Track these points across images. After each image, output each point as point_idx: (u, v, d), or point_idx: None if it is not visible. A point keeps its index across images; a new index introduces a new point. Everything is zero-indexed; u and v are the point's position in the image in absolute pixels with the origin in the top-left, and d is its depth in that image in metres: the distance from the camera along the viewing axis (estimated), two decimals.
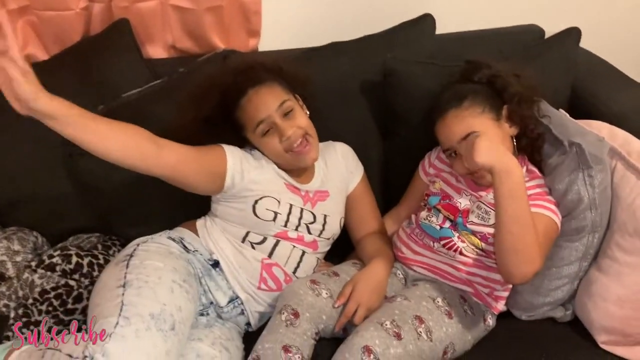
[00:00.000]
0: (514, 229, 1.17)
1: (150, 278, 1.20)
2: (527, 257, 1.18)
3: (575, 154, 1.32)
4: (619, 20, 2.01)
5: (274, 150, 1.37)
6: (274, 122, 1.34)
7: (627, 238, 1.27)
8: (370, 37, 1.68)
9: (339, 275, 1.36)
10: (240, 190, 1.36)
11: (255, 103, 1.35)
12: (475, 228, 1.37)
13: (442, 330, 1.26)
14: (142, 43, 1.73)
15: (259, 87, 1.35)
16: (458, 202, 1.42)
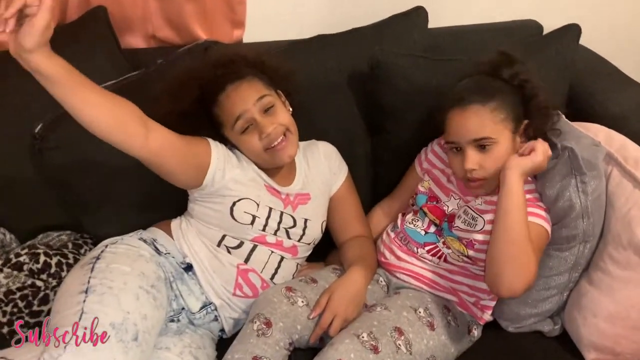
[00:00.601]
0: (516, 238, 1.15)
1: (114, 283, 1.14)
2: (524, 269, 1.15)
3: (567, 158, 1.26)
4: (620, 18, 1.95)
5: (253, 148, 1.30)
6: (253, 118, 1.28)
7: (620, 251, 1.20)
8: (358, 30, 1.62)
9: (317, 282, 1.30)
10: (219, 188, 1.30)
11: (233, 98, 1.29)
12: (460, 234, 1.31)
13: (423, 342, 1.20)
14: (121, 32, 1.66)
15: (238, 82, 1.29)
16: (445, 205, 1.36)
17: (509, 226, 1.17)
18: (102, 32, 1.56)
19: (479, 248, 1.29)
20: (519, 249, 1.16)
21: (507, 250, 1.16)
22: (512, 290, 1.15)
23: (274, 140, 1.28)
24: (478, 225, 1.29)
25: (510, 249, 1.16)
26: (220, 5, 1.66)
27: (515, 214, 1.17)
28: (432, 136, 1.52)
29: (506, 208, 1.18)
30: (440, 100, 1.47)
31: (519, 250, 1.16)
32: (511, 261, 1.15)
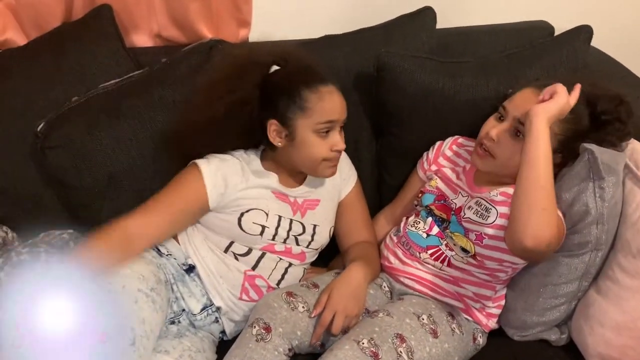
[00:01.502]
0: (546, 185, 1.10)
1: (112, 286, 1.13)
2: (551, 218, 1.10)
3: (587, 161, 1.21)
4: (633, 19, 1.90)
5: (316, 152, 1.27)
6: (334, 129, 1.28)
7: (630, 259, 1.17)
8: (366, 30, 1.60)
9: (319, 287, 1.28)
10: (226, 205, 1.29)
11: (337, 100, 1.28)
12: (470, 226, 1.27)
13: (425, 350, 1.18)
14: (126, 31, 1.65)
15: (337, 88, 1.29)
16: (453, 202, 1.34)
17: (536, 173, 1.11)
18: (107, 31, 1.55)
19: (487, 244, 1.26)
20: (547, 195, 1.10)
21: (535, 196, 1.10)
22: (539, 238, 1.08)
23: (339, 156, 1.30)
24: (490, 218, 1.26)
25: (538, 195, 1.10)
26: (226, 4, 1.65)
27: (542, 160, 1.12)
28: (438, 139, 1.50)
29: (534, 155, 1.12)
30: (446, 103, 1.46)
31: (546, 197, 1.10)
32: (539, 207, 1.09)
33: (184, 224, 1.32)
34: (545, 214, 1.10)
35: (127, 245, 1.20)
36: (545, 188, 1.11)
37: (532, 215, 1.09)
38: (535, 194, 1.10)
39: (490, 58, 1.55)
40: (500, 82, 1.45)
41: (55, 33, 1.56)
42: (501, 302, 1.32)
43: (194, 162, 1.29)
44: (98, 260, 1.16)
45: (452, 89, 1.47)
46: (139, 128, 1.41)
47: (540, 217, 1.09)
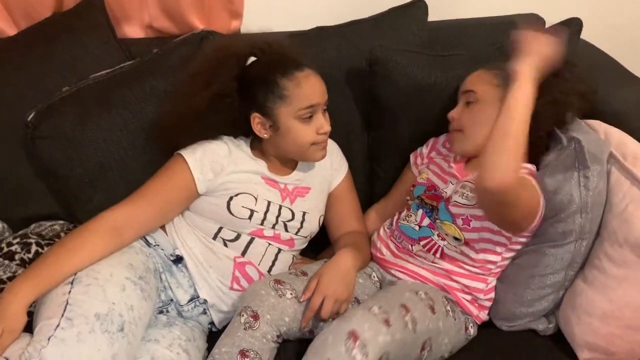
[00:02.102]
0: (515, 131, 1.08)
1: (101, 275, 1.13)
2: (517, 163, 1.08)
3: (573, 149, 1.23)
4: (623, 13, 1.92)
5: (303, 138, 1.28)
6: (317, 112, 1.28)
7: (616, 248, 1.18)
8: (357, 22, 1.60)
9: (307, 275, 1.28)
10: (215, 189, 1.29)
11: (315, 84, 1.28)
12: (458, 210, 1.29)
13: (425, 323, 1.18)
14: (118, 21, 1.65)
15: (314, 71, 1.29)
16: (444, 192, 1.35)
17: (510, 119, 1.10)
18: (98, 21, 1.55)
19: (474, 226, 1.27)
20: (516, 143, 1.09)
21: (504, 141, 1.08)
22: (503, 181, 1.08)
23: (326, 138, 1.30)
24: (475, 198, 1.27)
25: (508, 141, 1.09)
26: None
27: (519, 109, 1.10)
28: (430, 133, 1.50)
29: (511, 102, 1.10)
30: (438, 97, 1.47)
31: (515, 146, 1.09)
32: (506, 152, 1.08)
33: (173, 213, 1.32)
34: (511, 160, 1.08)
35: (116, 236, 1.20)
36: (516, 137, 1.09)
37: (499, 158, 1.08)
38: (505, 141, 1.08)
39: (481, 51, 1.55)
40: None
41: (46, 23, 1.55)
42: (492, 295, 1.33)
43: (179, 153, 1.29)
44: (88, 252, 1.16)
45: (444, 82, 1.48)
46: (130, 118, 1.40)
47: (508, 162, 1.08)
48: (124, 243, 1.22)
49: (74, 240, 1.17)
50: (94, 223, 1.19)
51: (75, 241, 1.17)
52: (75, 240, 1.17)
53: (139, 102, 1.41)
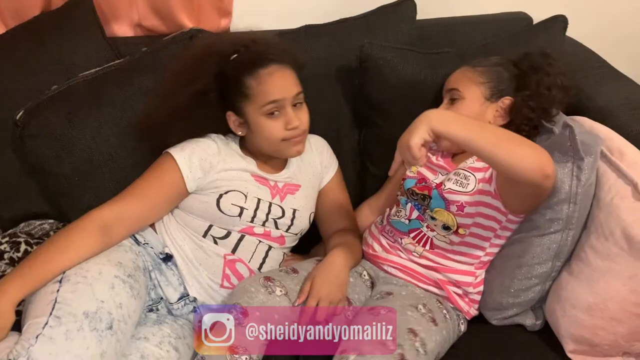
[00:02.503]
0: (497, 141, 1.09)
1: (89, 273, 1.13)
2: (528, 145, 1.10)
3: (567, 137, 1.21)
4: (609, 11, 1.93)
5: (272, 134, 1.29)
6: (284, 108, 1.27)
7: (601, 241, 1.19)
8: (347, 20, 1.61)
9: (298, 273, 1.29)
10: (205, 187, 1.30)
11: (277, 80, 1.27)
12: (451, 197, 1.29)
13: (432, 339, 1.18)
14: (107, 20, 1.64)
15: (282, 65, 1.29)
16: (433, 182, 1.36)
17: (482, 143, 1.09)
18: (87, 20, 1.55)
19: (468, 212, 1.27)
20: (508, 145, 1.09)
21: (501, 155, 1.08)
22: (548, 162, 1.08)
23: (297, 134, 1.29)
24: (470, 185, 1.29)
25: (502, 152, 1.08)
26: None
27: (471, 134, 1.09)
28: None
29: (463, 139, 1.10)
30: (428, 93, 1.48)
31: (510, 145, 1.09)
32: (514, 157, 1.08)
33: (162, 210, 1.32)
34: (522, 148, 1.09)
35: (105, 233, 1.20)
36: (500, 144, 1.08)
37: (519, 159, 1.08)
38: (500, 152, 1.08)
39: (469, 48, 1.56)
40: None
41: (35, 22, 1.55)
42: (481, 288, 1.34)
43: (167, 151, 1.30)
44: (77, 250, 1.16)
45: (433, 79, 1.49)
46: (119, 117, 1.41)
47: (524, 152, 1.08)
48: (113, 241, 1.23)
49: (63, 239, 1.17)
50: (83, 221, 1.19)
51: (64, 239, 1.17)
52: (64, 238, 1.17)
53: (128, 100, 1.41)
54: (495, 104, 1.35)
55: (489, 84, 1.35)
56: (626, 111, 1.44)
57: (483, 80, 1.34)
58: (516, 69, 1.37)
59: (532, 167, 1.08)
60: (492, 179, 1.26)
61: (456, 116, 1.20)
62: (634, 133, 1.36)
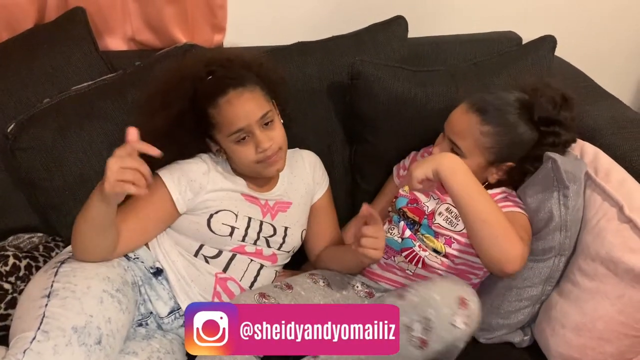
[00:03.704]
0: (486, 217, 1.14)
1: (78, 287, 1.12)
2: (509, 239, 1.14)
3: (550, 169, 1.24)
4: (598, 31, 1.97)
5: (245, 159, 1.27)
6: (252, 132, 1.25)
7: (589, 262, 1.21)
8: (338, 38, 1.62)
9: (292, 289, 1.28)
10: (195, 207, 1.29)
11: (237, 108, 1.23)
12: (440, 230, 1.31)
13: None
14: (100, 34, 1.65)
15: (241, 89, 1.24)
16: (425, 205, 1.37)
17: (473, 212, 1.15)
18: (80, 34, 1.55)
19: (456, 248, 1.30)
20: (494, 224, 1.14)
21: (484, 231, 1.14)
22: (511, 261, 1.14)
23: (269, 156, 1.26)
24: (460, 225, 1.30)
25: (486, 229, 1.14)
26: (201, 9, 1.66)
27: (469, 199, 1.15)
28: (411, 146, 1.53)
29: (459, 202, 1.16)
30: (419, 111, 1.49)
31: (495, 226, 1.14)
32: (492, 238, 1.14)
33: (155, 231, 1.31)
34: (501, 239, 1.15)
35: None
36: (487, 221, 1.15)
37: (492, 247, 1.15)
38: (483, 230, 1.15)
39: (459, 67, 1.58)
40: (468, 90, 1.48)
41: (28, 35, 1.55)
42: None
43: (157, 173, 1.28)
44: None
45: (424, 97, 1.50)
46: (111, 130, 1.41)
47: (500, 245, 1.15)
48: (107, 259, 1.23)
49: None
50: None
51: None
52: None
53: (120, 114, 1.42)
54: (495, 167, 1.30)
55: (495, 150, 1.26)
56: (613, 130, 1.47)
57: (490, 146, 1.25)
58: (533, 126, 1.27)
59: (497, 260, 1.16)
60: None
61: (466, 172, 1.18)
62: (621, 152, 1.38)
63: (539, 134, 1.27)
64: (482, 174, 1.30)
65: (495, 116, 1.25)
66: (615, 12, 1.96)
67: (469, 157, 1.26)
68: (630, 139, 1.42)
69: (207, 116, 1.26)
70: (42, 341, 1.02)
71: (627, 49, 2.03)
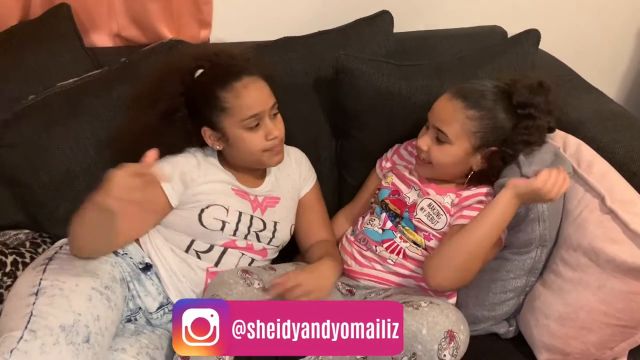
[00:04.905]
0: (474, 250, 1.18)
1: (66, 285, 1.12)
2: (464, 279, 1.21)
3: (515, 163, 1.28)
4: (583, 25, 1.98)
5: (254, 146, 1.29)
6: (262, 119, 1.27)
7: (571, 253, 1.22)
8: (324, 33, 1.62)
9: (276, 271, 1.29)
10: (187, 201, 1.30)
11: (254, 93, 1.27)
12: (420, 225, 1.33)
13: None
14: (86, 30, 1.65)
15: (254, 77, 1.28)
16: (407, 196, 1.38)
17: (475, 237, 1.18)
18: (65, 30, 1.55)
19: (435, 244, 1.31)
20: (472, 260, 1.19)
21: (461, 256, 1.19)
22: (441, 288, 1.22)
23: (277, 143, 1.29)
24: (440, 224, 1.31)
25: (464, 258, 1.19)
26: (186, 5, 1.66)
27: (485, 227, 1.18)
28: (396, 140, 1.54)
29: (482, 220, 1.19)
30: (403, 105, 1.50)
31: (470, 262, 1.19)
32: (458, 267, 1.19)
33: (146, 225, 1.31)
34: (458, 273, 1.20)
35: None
36: (471, 253, 1.19)
37: (449, 270, 1.20)
38: (461, 253, 1.19)
39: (443, 61, 1.59)
40: (453, 83, 1.48)
41: (12, 31, 1.54)
42: (454, 300, 1.36)
43: None
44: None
45: (408, 92, 1.50)
46: (97, 127, 1.40)
47: (452, 275, 1.20)
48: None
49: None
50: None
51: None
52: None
53: (106, 110, 1.41)
54: (480, 153, 1.30)
55: (480, 134, 1.27)
56: (597, 123, 1.48)
57: (476, 130, 1.27)
58: (512, 110, 1.29)
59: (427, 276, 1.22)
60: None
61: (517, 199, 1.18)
62: (603, 144, 1.39)
63: (516, 119, 1.29)
64: (468, 161, 1.31)
65: (478, 101, 1.27)
66: (600, 6, 1.98)
67: (455, 143, 1.28)
68: (612, 131, 1.43)
69: (218, 100, 1.26)
70: (30, 340, 1.01)
71: (611, 42, 2.05)
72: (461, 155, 1.29)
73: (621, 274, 1.14)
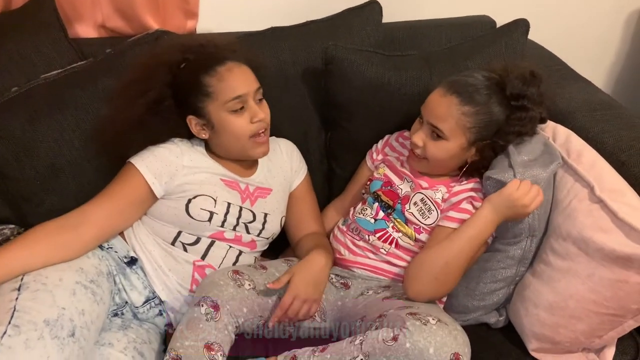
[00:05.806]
0: (453, 263, 1.21)
1: (49, 280, 1.11)
2: (441, 291, 1.25)
3: (504, 153, 1.28)
4: (571, 15, 1.98)
5: (239, 130, 1.28)
6: (247, 102, 1.27)
7: (560, 242, 1.22)
8: (313, 23, 1.61)
9: (267, 269, 1.28)
10: (173, 191, 1.29)
11: (238, 76, 1.28)
12: (411, 218, 1.33)
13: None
14: (70, 21, 1.62)
15: (239, 64, 1.30)
16: (399, 188, 1.38)
17: (453, 249, 1.21)
18: (48, 20, 1.52)
19: (425, 237, 1.31)
20: (450, 272, 1.21)
21: (438, 267, 1.21)
22: (418, 298, 1.22)
23: (263, 127, 1.29)
24: (431, 219, 1.31)
25: (441, 269, 1.21)
26: None
27: (464, 242, 1.21)
28: (385, 131, 1.53)
29: (460, 234, 1.22)
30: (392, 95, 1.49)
31: (448, 273, 1.21)
32: (436, 278, 1.21)
33: (131, 217, 1.30)
34: (435, 283, 1.22)
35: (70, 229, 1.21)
36: (448, 264, 1.21)
37: (426, 281, 1.22)
38: (438, 264, 1.21)
39: (432, 51, 1.58)
40: (442, 74, 1.48)
41: None
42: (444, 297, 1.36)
43: (129, 161, 1.28)
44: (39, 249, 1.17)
45: (397, 82, 1.50)
46: (82, 119, 1.38)
47: (430, 285, 1.22)
48: (82, 238, 1.21)
49: (25, 238, 1.17)
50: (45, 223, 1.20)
51: (26, 238, 1.17)
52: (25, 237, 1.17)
53: (92, 102, 1.39)
54: (475, 146, 1.30)
55: (476, 129, 1.27)
56: (585, 113, 1.48)
57: (471, 126, 1.26)
58: (506, 102, 1.27)
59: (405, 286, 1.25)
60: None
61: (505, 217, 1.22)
62: (592, 134, 1.40)
63: (509, 110, 1.28)
64: (463, 155, 1.31)
65: (473, 96, 1.26)
66: None
67: (451, 139, 1.27)
68: (601, 121, 1.43)
69: (202, 85, 1.27)
70: (13, 336, 1.00)
71: (600, 32, 2.05)
72: (457, 150, 1.28)
73: (610, 263, 1.14)
